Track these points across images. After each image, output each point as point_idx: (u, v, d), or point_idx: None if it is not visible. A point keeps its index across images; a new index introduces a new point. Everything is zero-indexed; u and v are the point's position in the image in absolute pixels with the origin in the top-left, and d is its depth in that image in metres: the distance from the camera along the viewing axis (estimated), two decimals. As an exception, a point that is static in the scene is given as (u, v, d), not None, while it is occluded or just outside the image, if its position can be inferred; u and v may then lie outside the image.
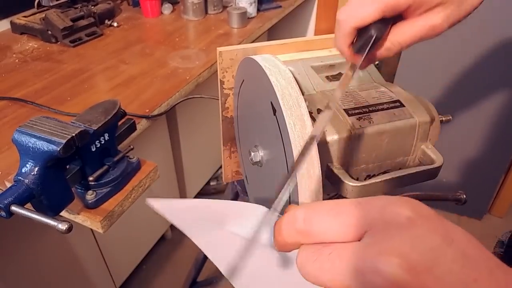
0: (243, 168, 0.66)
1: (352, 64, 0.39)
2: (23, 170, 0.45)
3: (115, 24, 1.25)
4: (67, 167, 0.51)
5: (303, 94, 0.46)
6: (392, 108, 0.50)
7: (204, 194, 1.71)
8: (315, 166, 0.42)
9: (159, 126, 1.25)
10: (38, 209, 0.48)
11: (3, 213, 0.43)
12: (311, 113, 0.50)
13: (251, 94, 0.54)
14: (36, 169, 0.45)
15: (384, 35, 0.38)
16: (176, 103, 0.92)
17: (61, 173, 0.49)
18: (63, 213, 0.52)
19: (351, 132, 0.47)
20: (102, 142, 0.52)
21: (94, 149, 0.51)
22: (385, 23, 0.38)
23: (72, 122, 0.49)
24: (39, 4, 1.18)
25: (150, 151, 1.24)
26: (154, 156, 1.28)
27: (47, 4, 1.15)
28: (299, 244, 0.22)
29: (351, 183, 0.45)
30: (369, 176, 0.52)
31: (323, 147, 0.47)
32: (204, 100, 0.90)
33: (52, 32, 1.12)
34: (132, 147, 0.58)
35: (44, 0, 1.14)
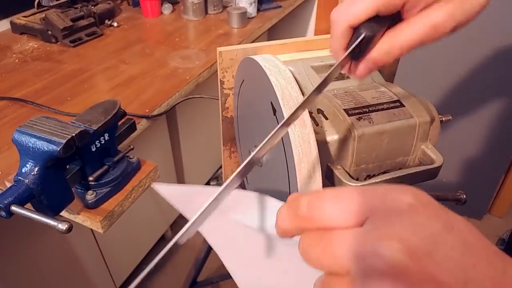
0: (243, 168, 0.66)
1: (340, 63, 0.36)
2: (23, 170, 0.45)
3: (115, 24, 1.25)
4: (67, 167, 0.51)
5: (303, 94, 0.46)
6: (392, 108, 0.50)
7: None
8: (315, 166, 0.42)
9: (159, 126, 1.25)
10: (38, 209, 0.48)
11: (3, 213, 0.43)
12: (311, 113, 0.50)
13: (251, 94, 0.54)
14: (36, 169, 0.45)
15: (377, 35, 0.35)
16: (176, 103, 0.92)
17: (61, 173, 0.49)
18: (63, 213, 0.52)
19: (351, 132, 0.47)
20: (102, 142, 0.52)
21: (94, 149, 0.51)
22: (379, 22, 0.34)
23: (72, 122, 0.50)
24: (39, 4, 1.18)
25: (150, 151, 1.24)
26: (154, 156, 1.28)
27: (47, 4, 1.15)
28: (302, 230, 0.22)
29: (351, 183, 0.45)
30: (369, 176, 0.52)
31: (323, 147, 0.47)
32: (204, 100, 0.90)
33: (52, 32, 1.12)
34: (132, 147, 0.58)
35: (44, 0, 1.14)
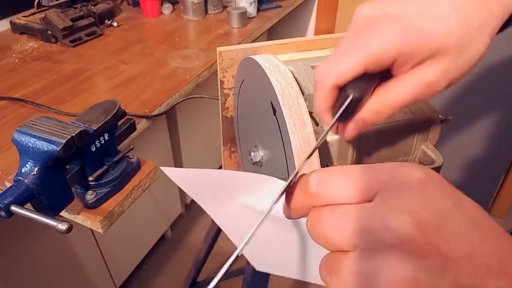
0: (243, 168, 0.66)
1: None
2: (23, 170, 0.45)
3: (115, 24, 1.25)
4: (67, 167, 0.51)
5: (303, 94, 0.46)
6: (392, 108, 0.50)
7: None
8: (315, 166, 0.42)
9: (159, 126, 1.25)
10: (38, 209, 0.48)
11: (3, 213, 0.43)
12: (311, 113, 0.50)
13: (251, 94, 0.54)
14: (36, 169, 0.45)
15: (365, 95, 0.31)
16: (176, 103, 0.92)
17: (61, 173, 0.49)
18: (63, 213, 0.52)
19: (351, 132, 0.47)
20: (102, 142, 0.52)
21: (94, 149, 0.51)
22: (368, 80, 0.31)
23: (72, 122, 0.49)
24: (39, 4, 1.18)
25: (150, 151, 1.24)
26: (154, 156, 1.28)
27: (47, 4, 1.15)
28: (311, 207, 0.22)
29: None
30: (369, 176, 0.52)
31: (323, 147, 0.47)
32: (204, 100, 0.90)
33: (52, 32, 1.12)
34: (132, 147, 0.58)
35: (44, 0, 1.14)
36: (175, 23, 1.32)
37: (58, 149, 0.44)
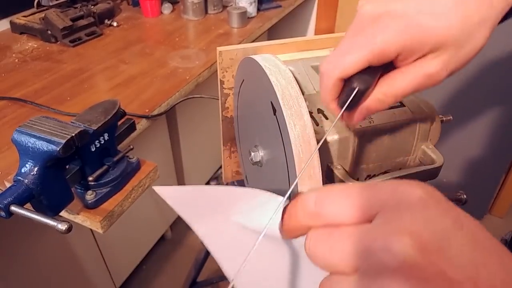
0: (243, 168, 0.66)
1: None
2: (22, 170, 0.45)
3: (115, 24, 1.25)
4: (67, 167, 0.51)
5: (303, 94, 0.46)
6: (392, 108, 0.50)
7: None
8: (315, 166, 0.42)
9: (159, 126, 1.25)
10: (38, 209, 0.47)
11: (3, 213, 0.43)
12: (311, 113, 0.50)
13: (251, 94, 0.54)
14: (36, 169, 0.45)
15: (370, 87, 0.34)
16: (176, 103, 0.92)
17: (60, 173, 0.48)
18: (63, 213, 0.52)
19: (351, 132, 0.47)
20: (102, 142, 0.52)
21: (94, 149, 0.51)
22: (372, 73, 0.33)
23: (72, 122, 0.49)
24: (39, 4, 1.18)
25: (150, 151, 1.24)
26: (154, 156, 1.28)
27: (47, 3, 1.15)
28: (309, 228, 0.22)
29: (351, 183, 0.45)
30: (369, 176, 0.52)
31: (323, 147, 0.47)
32: (204, 100, 0.90)
33: (52, 32, 1.12)
34: (132, 147, 0.58)
35: (44, 0, 1.14)
36: (175, 23, 1.32)
37: (58, 149, 0.44)
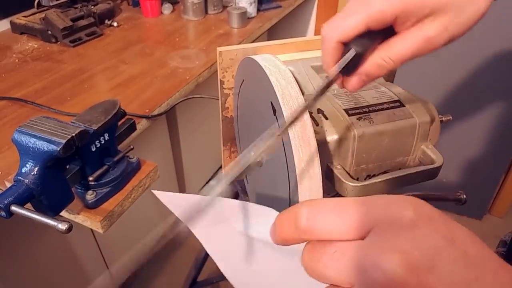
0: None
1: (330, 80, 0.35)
2: (23, 170, 0.45)
3: (115, 24, 1.25)
4: (67, 167, 0.51)
5: (303, 94, 0.46)
6: (392, 108, 0.50)
7: (204, 194, 1.71)
8: (315, 166, 0.42)
9: (159, 126, 1.25)
10: (38, 209, 0.48)
11: (3, 213, 0.43)
12: (311, 113, 0.50)
13: (251, 94, 0.54)
14: (36, 169, 0.45)
15: (368, 51, 0.34)
16: (176, 103, 0.92)
17: (61, 173, 0.49)
18: (63, 213, 0.52)
19: (351, 132, 0.47)
20: (102, 142, 0.52)
21: (94, 149, 0.51)
22: (370, 37, 0.34)
23: (72, 122, 0.49)
24: (39, 4, 1.18)
25: (150, 151, 1.24)
26: (154, 156, 1.28)
27: (47, 4, 1.15)
28: (302, 240, 0.22)
29: (351, 183, 0.45)
30: (369, 176, 0.52)
31: (323, 147, 0.47)
32: (204, 100, 0.90)
33: (52, 32, 1.12)
34: (132, 147, 0.58)
35: (44, 0, 1.14)
36: (175, 23, 1.32)
37: (58, 149, 0.44)
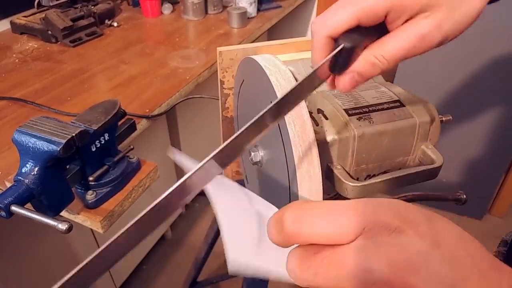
0: (243, 168, 0.66)
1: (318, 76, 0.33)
2: (23, 170, 0.45)
3: (115, 24, 1.25)
4: (67, 167, 0.51)
5: (303, 94, 0.46)
6: (392, 108, 0.50)
7: (204, 194, 1.72)
8: (315, 166, 0.42)
9: (159, 126, 1.25)
10: (38, 209, 0.48)
11: (3, 213, 0.43)
12: (311, 113, 0.50)
13: (251, 94, 0.54)
14: (36, 169, 0.45)
15: (358, 46, 0.32)
16: (176, 103, 0.92)
17: (61, 173, 0.49)
18: (63, 213, 0.52)
19: (351, 132, 0.47)
20: (102, 142, 0.52)
21: (94, 149, 0.51)
22: (361, 33, 0.32)
23: (72, 122, 0.49)
24: (39, 4, 1.18)
25: (150, 151, 1.24)
26: (154, 156, 1.27)
27: (47, 4, 1.15)
28: (290, 243, 0.22)
29: (351, 183, 0.45)
30: (369, 176, 0.52)
31: (323, 147, 0.47)
32: (204, 100, 0.90)
33: (52, 32, 1.12)
34: (132, 147, 0.58)
35: (44, 0, 1.14)
36: (175, 23, 1.32)
37: (58, 149, 0.44)
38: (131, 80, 0.96)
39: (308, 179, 0.42)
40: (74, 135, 0.45)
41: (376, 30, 0.33)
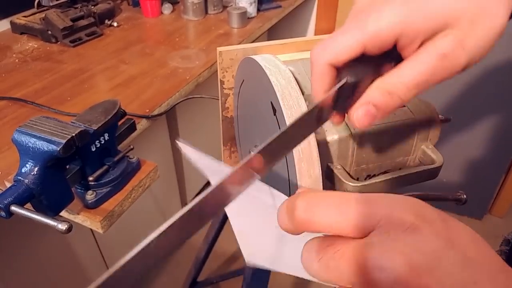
0: (243, 168, 0.66)
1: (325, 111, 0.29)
2: (23, 170, 0.45)
3: (115, 24, 1.25)
4: (67, 167, 0.51)
5: (303, 94, 0.46)
6: (392, 108, 0.50)
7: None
8: (315, 166, 0.42)
9: (159, 126, 1.25)
10: (38, 209, 0.48)
11: (3, 213, 0.43)
12: (311, 113, 0.50)
13: (251, 94, 0.54)
14: (36, 169, 0.45)
15: (363, 81, 0.28)
16: (176, 103, 0.92)
17: (61, 173, 0.49)
18: (63, 213, 0.52)
19: (351, 132, 0.47)
20: (102, 142, 0.52)
21: (94, 149, 0.51)
22: (367, 63, 0.28)
23: (72, 122, 0.49)
24: (39, 4, 1.18)
25: (150, 151, 1.24)
26: (154, 156, 1.28)
27: (47, 4, 1.15)
28: (301, 231, 0.22)
29: (351, 183, 0.45)
30: (369, 176, 0.52)
31: (323, 147, 0.47)
32: (204, 100, 0.90)
33: (52, 32, 1.12)
34: (132, 147, 0.58)
35: (44, 0, 1.14)
36: (175, 23, 1.32)
37: (58, 149, 0.44)
38: (131, 80, 0.96)
39: (308, 179, 0.42)
40: (74, 135, 0.45)
41: (387, 59, 0.29)
